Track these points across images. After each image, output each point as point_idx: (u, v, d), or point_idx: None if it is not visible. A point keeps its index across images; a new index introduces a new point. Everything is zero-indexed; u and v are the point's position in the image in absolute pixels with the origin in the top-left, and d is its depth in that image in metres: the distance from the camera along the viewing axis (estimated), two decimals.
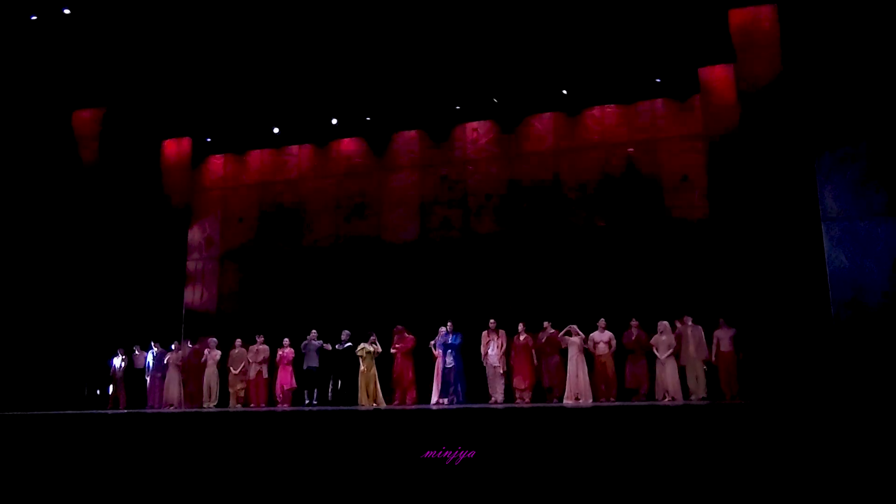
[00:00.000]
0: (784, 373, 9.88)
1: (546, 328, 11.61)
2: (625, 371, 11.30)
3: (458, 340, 11.62)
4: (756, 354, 10.38)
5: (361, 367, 11.96)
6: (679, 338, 10.96)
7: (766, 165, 10.69)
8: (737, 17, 11.21)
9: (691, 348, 10.92)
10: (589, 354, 11.40)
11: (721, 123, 12.08)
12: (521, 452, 4.56)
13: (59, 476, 3.93)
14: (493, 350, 11.60)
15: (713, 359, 10.88)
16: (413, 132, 14.91)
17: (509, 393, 11.65)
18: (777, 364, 10.01)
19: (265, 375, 12.61)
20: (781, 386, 9.80)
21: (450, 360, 11.53)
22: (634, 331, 11.27)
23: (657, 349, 10.98)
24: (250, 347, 12.73)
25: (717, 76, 12.33)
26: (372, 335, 12.10)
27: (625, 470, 3.85)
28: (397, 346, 11.98)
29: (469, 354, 11.84)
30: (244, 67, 12.95)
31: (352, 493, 3.29)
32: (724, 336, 10.88)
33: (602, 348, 11.31)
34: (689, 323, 11.00)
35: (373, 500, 3.14)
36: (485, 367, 11.69)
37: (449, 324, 11.76)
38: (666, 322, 11.04)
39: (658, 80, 13.05)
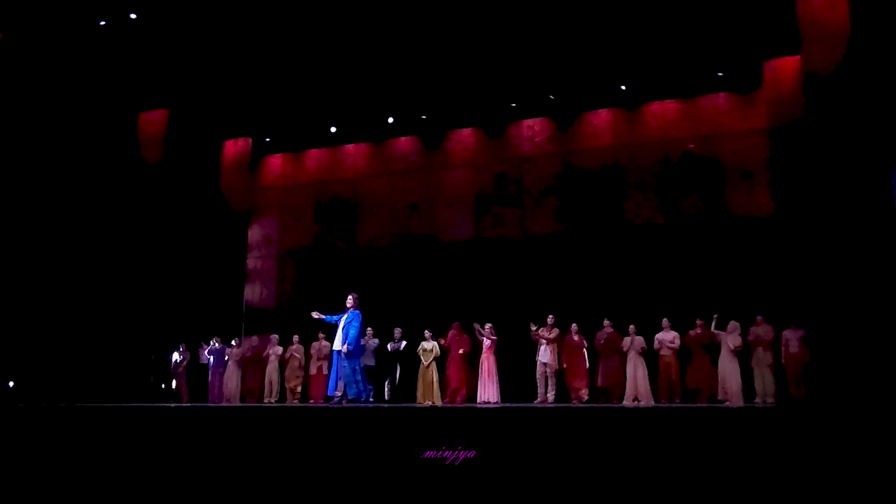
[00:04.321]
0: (854, 376, 9.48)
1: (605, 327, 11.45)
2: (687, 372, 11.06)
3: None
4: (826, 357, 9.99)
5: (422, 365, 12.01)
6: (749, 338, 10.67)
7: (835, 159, 10.24)
8: (806, 5, 10.79)
9: (761, 349, 10.61)
10: (646, 355, 11.20)
11: (786, 116, 11.66)
12: (571, 455, 4.48)
13: (117, 466, 4.03)
14: (544, 347, 11.51)
15: (782, 360, 10.55)
16: (468, 130, 14.86)
17: (562, 393, 11.54)
18: (847, 367, 9.61)
19: (325, 372, 12.77)
20: (851, 390, 9.40)
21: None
22: (700, 330, 11.01)
23: (723, 349, 10.69)
24: (312, 344, 12.92)
25: (782, 68, 11.91)
26: (427, 333, 12.14)
27: (680, 475, 3.73)
28: (452, 344, 11.98)
29: (520, 353, 11.79)
30: (301, 68, 13.11)
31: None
32: (792, 337, 10.52)
33: (667, 349, 11.09)
34: (761, 323, 10.68)
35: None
36: (536, 365, 11.62)
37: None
38: (736, 322, 10.72)
39: (720, 74, 12.69)
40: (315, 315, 10.15)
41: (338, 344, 9.86)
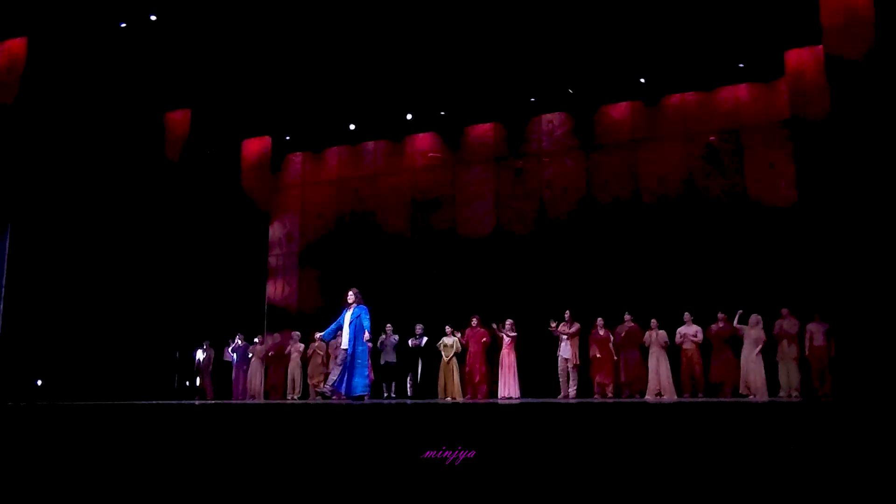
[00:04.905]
0: (880, 370, 9.35)
1: (626, 321, 11.40)
2: (710, 366, 11.00)
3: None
4: (851, 350, 9.86)
5: (443, 360, 12.04)
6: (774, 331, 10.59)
7: (859, 150, 10.08)
8: None
9: (786, 342, 10.52)
10: (668, 349, 11.15)
11: (809, 107, 11.51)
12: (597, 450, 4.47)
13: (144, 464, 4.09)
14: (564, 342, 11.50)
15: (806, 353, 10.45)
16: (487, 125, 14.86)
17: (584, 388, 11.54)
18: (873, 361, 9.48)
19: None
20: (876, 384, 9.27)
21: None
22: (722, 324, 10.94)
23: (745, 343, 10.62)
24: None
25: (804, 58, 11.76)
26: (448, 328, 12.16)
27: (705, 469, 3.71)
28: (470, 339, 12.00)
29: (541, 348, 11.80)
30: (320, 66, 13.17)
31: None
32: (817, 330, 10.42)
33: (690, 342, 11.03)
34: (787, 316, 10.59)
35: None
36: (557, 360, 11.62)
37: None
38: (759, 315, 10.64)
39: (741, 65, 12.56)
40: (317, 336, 10.04)
41: (346, 342, 9.63)
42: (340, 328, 9.86)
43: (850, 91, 10.25)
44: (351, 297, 9.92)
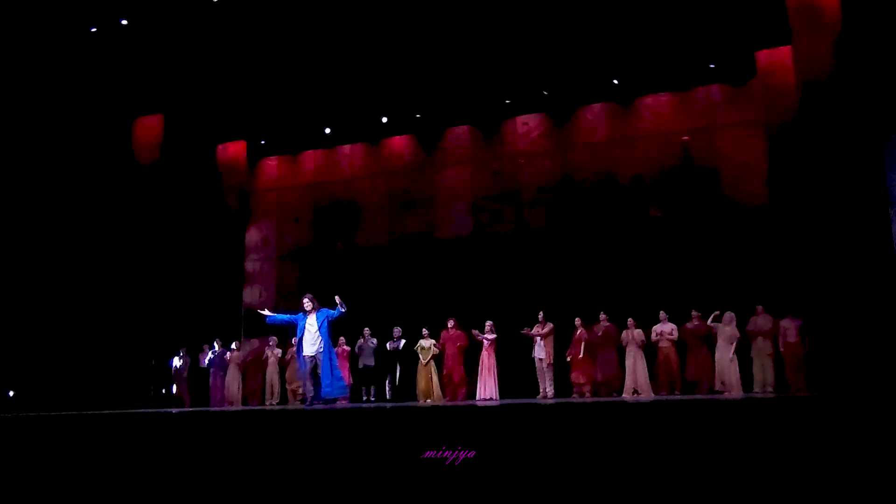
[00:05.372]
0: (852, 365, 9.51)
1: (602, 321, 11.48)
2: (686, 364, 11.11)
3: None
4: (823, 346, 10.02)
5: (420, 363, 12.04)
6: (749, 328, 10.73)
7: (830, 150, 10.25)
8: None
9: (760, 339, 10.67)
10: (645, 348, 11.25)
11: (781, 108, 11.67)
12: (576, 450, 4.50)
13: (123, 472, 4.04)
14: (538, 343, 11.59)
15: (780, 349, 10.59)
16: (463, 128, 14.88)
17: (561, 387, 11.62)
18: (845, 356, 9.64)
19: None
20: (849, 378, 9.43)
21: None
22: (696, 321, 11.06)
23: (720, 340, 10.75)
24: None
25: (775, 59, 11.92)
26: (424, 331, 12.18)
27: (681, 467, 3.75)
28: (447, 342, 12.01)
29: (520, 349, 11.86)
30: (295, 70, 13.12)
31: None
32: (790, 327, 10.57)
33: (666, 340, 11.14)
34: (761, 313, 10.73)
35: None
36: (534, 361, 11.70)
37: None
38: (732, 313, 10.79)
39: (712, 66, 12.71)
40: (266, 313, 10.04)
41: (311, 349, 9.57)
42: (293, 327, 9.80)
43: (821, 91, 10.43)
44: (308, 304, 9.87)
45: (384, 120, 14.78)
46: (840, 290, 9.88)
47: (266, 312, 10.07)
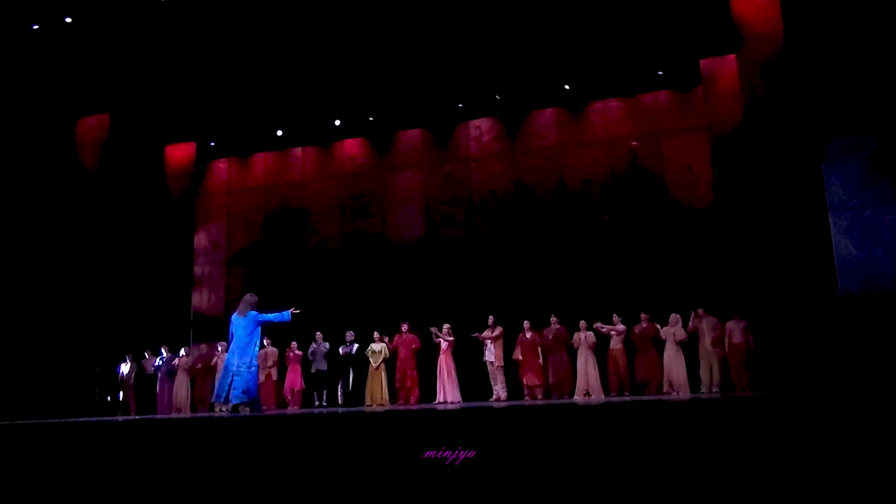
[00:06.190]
0: (794, 364, 9.82)
1: (553, 324, 11.61)
2: (635, 365, 11.31)
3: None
4: (766, 346, 10.33)
5: (371, 367, 12.00)
6: (694, 330, 10.97)
7: (772, 155, 10.59)
8: (738, 4, 11.12)
9: (706, 340, 10.91)
10: (595, 350, 11.42)
11: (725, 114, 11.99)
12: (527, 451, 4.55)
13: (68, 485, 3.94)
14: (488, 347, 11.70)
15: (725, 350, 10.85)
16: (416, 131, 14.90)
17: (514, 390, 11.72)
18: (787, 355, 9.95)
19: (274, 378, 12.65)
20: (792, 377, 9.74)
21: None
22: (644, 324, 11.26)
23: (667, 341, 10.98)
24: (259, 352, 12.74)
25: (719, 66, 12.24)
26: (375, 334, 12.15)
27: (632, 467, 3.82)
28: (400, 345, 12.00)
29: (475, 352, 11.91)
30: (245, 71, 12.94)
31: (351, 493, 3.28)
32: (735, 328, 10.84)
33: (616, 342, 11.32)
34: (703, 314, 10.98)
35: (372, 501, 3.13)
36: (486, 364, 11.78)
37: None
38: (678, 314, 11.03)
39: (660, 73, 12.98)
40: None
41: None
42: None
43: (764, 98, 10.76)
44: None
45: (337, 123, 14.70)
46: (782, 291, 10.20)
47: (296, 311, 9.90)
